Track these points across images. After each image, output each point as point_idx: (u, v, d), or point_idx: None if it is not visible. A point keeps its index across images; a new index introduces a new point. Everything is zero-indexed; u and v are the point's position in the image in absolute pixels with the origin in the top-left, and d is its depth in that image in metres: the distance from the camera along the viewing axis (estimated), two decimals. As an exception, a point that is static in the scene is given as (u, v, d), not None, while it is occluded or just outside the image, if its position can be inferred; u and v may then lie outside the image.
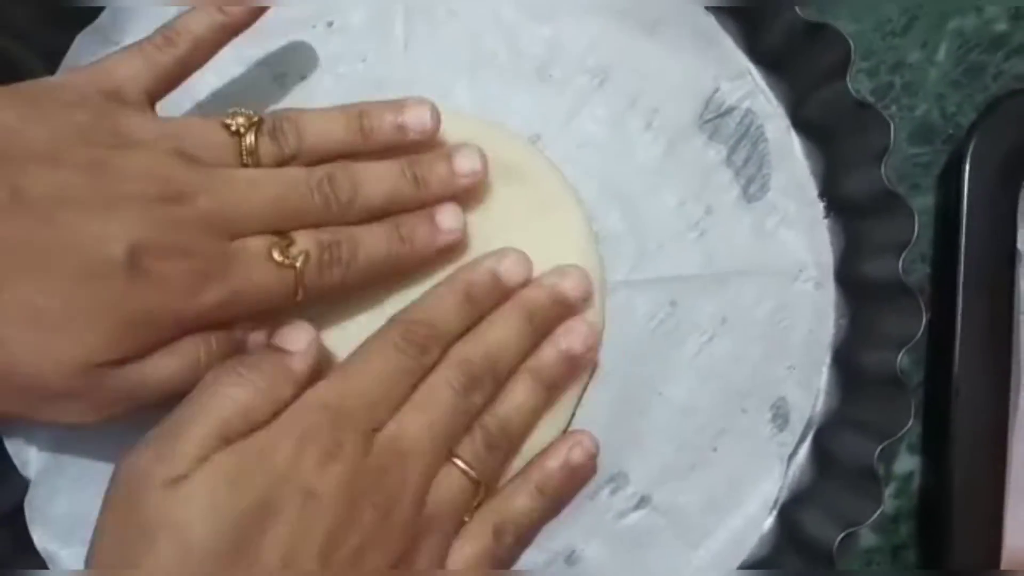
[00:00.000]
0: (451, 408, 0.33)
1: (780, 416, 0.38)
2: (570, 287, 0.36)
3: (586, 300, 0.36)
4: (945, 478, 0.37)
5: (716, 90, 0.39)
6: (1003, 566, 0.37)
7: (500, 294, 0.35)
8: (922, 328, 0.35)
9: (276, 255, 0.32)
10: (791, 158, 0.39)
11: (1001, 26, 0.40)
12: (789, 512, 0.38)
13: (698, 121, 0.39)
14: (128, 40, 0.37)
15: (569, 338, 0.36)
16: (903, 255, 0.35)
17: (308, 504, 0.29)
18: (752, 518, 0.38)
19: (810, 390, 0.38)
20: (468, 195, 0.36)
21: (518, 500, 0.35)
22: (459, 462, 0.33)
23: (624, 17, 0.39)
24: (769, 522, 0.38)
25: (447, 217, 0.35)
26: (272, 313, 0.33)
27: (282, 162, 0.33)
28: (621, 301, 0.38)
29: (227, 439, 0.29)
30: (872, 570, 0.40)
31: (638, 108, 0.39)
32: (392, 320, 0.34)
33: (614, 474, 0.38)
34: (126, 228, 0.29)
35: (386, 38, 0.39)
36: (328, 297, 0.34)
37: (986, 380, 0.37)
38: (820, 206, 0.39)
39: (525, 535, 0.36)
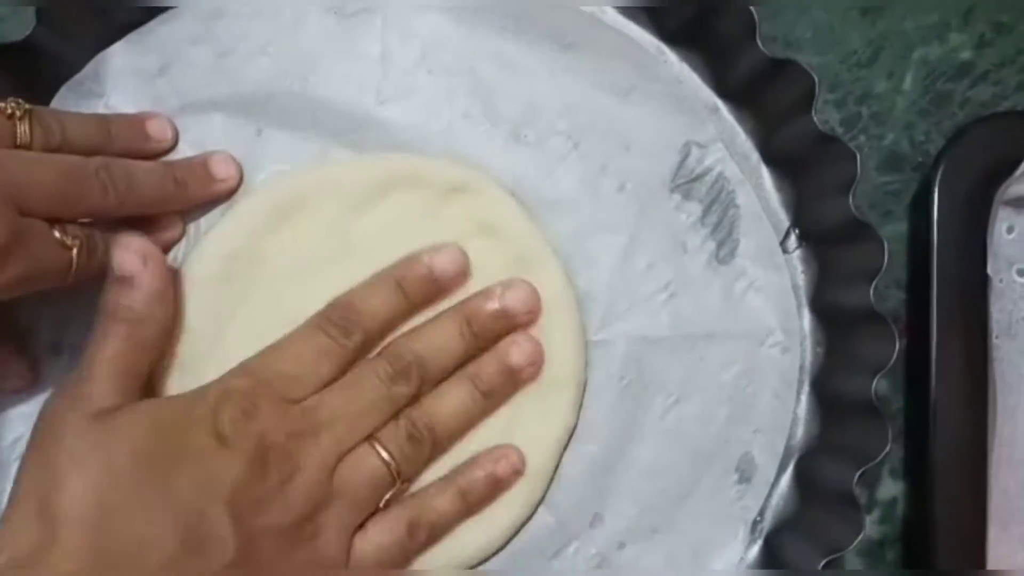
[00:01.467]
0: (373, 392, 0.34)
1: (744, 479, 0.39)
2: (513, 299, 0.36)
3: (531, 314, 0.37)
4: (927, 502, 0.37)
5: (688, 155, 0.39)
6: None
7: (432, 287, 0.36)
8: (895, 354, 0.35)
9: (58, 234, 0.33)
10: (761, 223, 0.39)
11: (966, 54, 0.41)
12: (772, 539, 0.38)
13: (670, 184, 0.39)
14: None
15: (512, 350, 0.36)
16: (874, 283, 0.36)
17: (221, 451, 0.32)
18: (722, 572, 0.38)
19: (775, 454, 0.39)
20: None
21: (438, 501, 0.36)
22: (377, 445, 0.34)
23: (599, 83, 0.39)
24: (753, 552, 0.38)
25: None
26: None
27: (50, 151, 0.34)
28: (589, 360, 0.38)
29: (135, 373, 0.33)
30: (873, 572, 0.40)
31: (610, 171, 0.39)
32: (326, 306, 0.35)
33: (578, 532, 0.38)
34: None
35: (362, 91, 0.39)
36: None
37: (963, 404, 0.37)
38: (787, 270, 0.39)
39: (437, 535, 0.36)
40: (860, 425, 0.36)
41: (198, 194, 0.38)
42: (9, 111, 0.34)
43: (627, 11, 0.40)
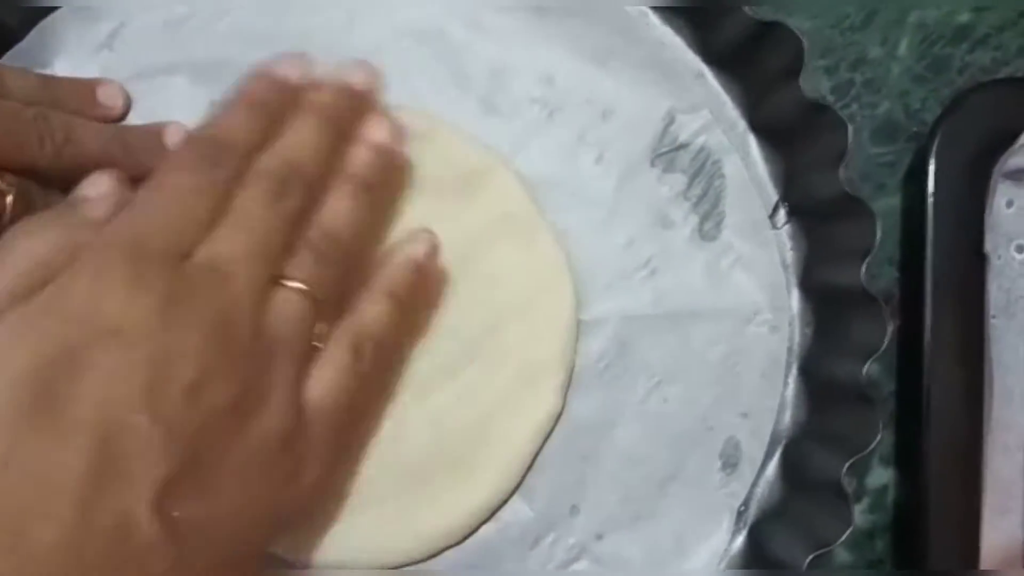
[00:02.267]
0: (263, 220, 0.30)
1: (730, 465, 0.37)
2: (356, 78, 0.34)
3: (374, 88, 0.34)
4: (919, 491, 0.36)
5: (671, 123, 0.38)
6: (982, 579, 0.36)
7: (285, 94, 0.33)
8: (887, 338, 0.34)
9: None
10: (748, 195, 0.38)
11: (964, 17, 0.39)
12: (758, 532, 0.37)
13: (651, 155, 0.38)
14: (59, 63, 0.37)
15: (372, 131, 0.34)
16: (866, 261, 0.34)
17: (115, 344, 0.26)
18: (700, 572, 0.37)
19: (762, 439, 0.37)
20: (430, 205, 0.36)
21: (368, 310, 0.33)
22: (289, 282, 0.30)
23: (576, 48, 0.38)
24: (731, 553, 0.37)
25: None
26: None
27: None
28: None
29: (18, 295, 0.27)
30: (870, 572, 0.39)
31: (588, 140, 0.37)
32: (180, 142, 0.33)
33: (557, 522, 0.37)
34: None
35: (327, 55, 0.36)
36: None
37: (957, 388, 0.36)
38: (775, 244, 0.38)
39: (385, 346, 0.33)
40: (850, 412, 0.35)
41: (147, 164, 0.34)
42: None
43: (607, -27, 0.38)
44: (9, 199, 0.32)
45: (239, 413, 0.28)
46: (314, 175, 0.32)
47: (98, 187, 0.31)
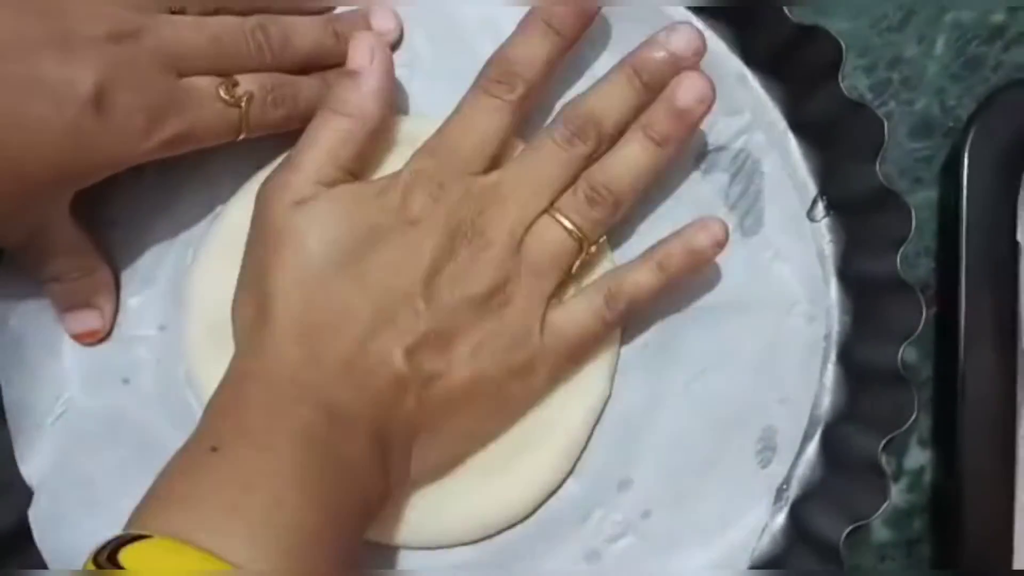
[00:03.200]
0: (552, 158, 0.35)
1: (770, 448, 0.39)
2: (678, 42, 0.36)
3: (697, 55, 0.36)
4: (954, 472, 0.37)
5: (713, 124, 0.39)
6: (1017, 561, 0.37)
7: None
8: (922, 322, 0.35)
9: (223, 93, 0.35)
10: (787, 192, 0.39)
11: (999, 17, 0.40)
12: (799, 508, 0.39)
13: (694, 156, 0.39)
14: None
15: (677, 91, 0.35)
16: (901, 250, 0.35)
17: (411, 232, 0.34)
18: (740, 548, 0.38)
19: (800, 423, 0.39)
20: None
21: (637, 273, 0.36)
22: (559, 216, 0.35)
23: (621, 53, 0.38)
24: (769, 532, 0.39)
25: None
26: None
27: (207, 15, 0.35)
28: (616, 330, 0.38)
29: (340, 166, 0.34)
30: (880, 567, 0.40)
31: None
32: (483, 68, 0.36)
33: (604, 499, 0.38)
34: (90, 68, 0.32)
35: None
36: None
37: (992, 373, 0.37)
38: (813, 242, 0.39)
39: (637, 306, 0.37)
40: (887, 393, 0.36)
41: None
42: None
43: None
44: (242, 108, 0.35)
45: (483, 308, 0.35)
46: (612, 128, 0.36)
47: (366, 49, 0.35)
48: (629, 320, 0.38)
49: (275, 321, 0.33)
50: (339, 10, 0.39)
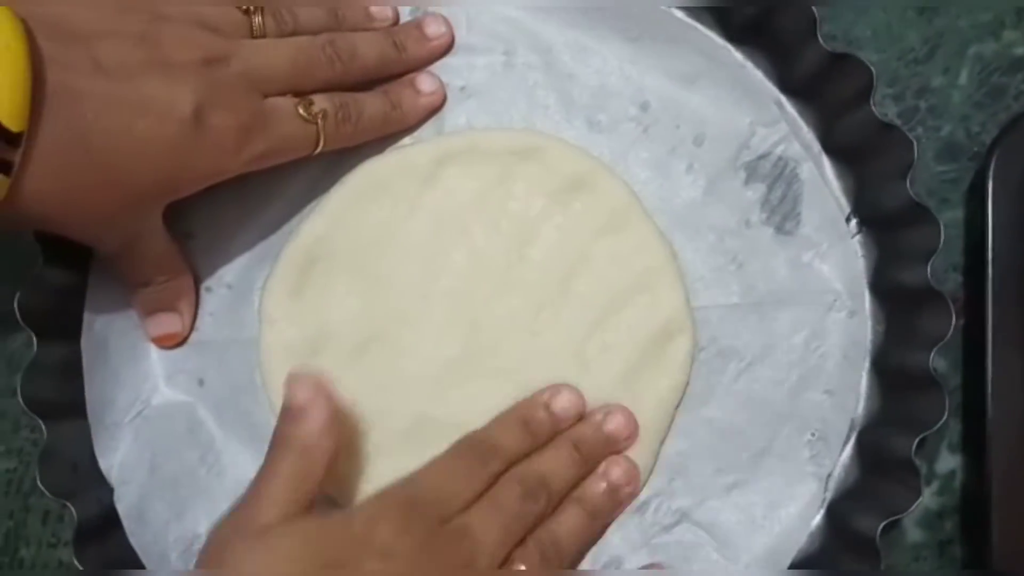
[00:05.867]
0: (513, 512, 0.36)
1: (818, 438, 0.40)
2: (614, 425, 0.40)
3: (629, 439, 0.40)
4: (983, 475, 0.39)
5: (752, 135, 0.41)
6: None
7: (552, 425, 0.39)
8: (952, 327, 0.37)
9: (302, 111, 0.38)
10: (824, 196, 0.41)
11: (1020, 50, 0.43)
12: (836, 509, 0.40)
13: (735, 164, 0.41)
14: None
15: (611, 472, 0.39)
16: (931, 261, 0.38)
17: (387, 560, 0.33)
18: (790, 534, 0.40)
19: (846, 413, 0.40)
20: (547, 204, 0.41)
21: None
22: (519, 565, 0.36)
23: (666, 71, 0.42)
24: (816, 520, 0.40)
25: (425, 82, 0.42)
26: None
27: (284, 36, 0.39)
28: None
29: (300, 503, 0.34)
30: (914, 567, 0.41)
31: (679, 152, 0.42)
32: (460, 439, 0.38)
33: (660, 489, 0.40)
34: (189, 89, 0.35)
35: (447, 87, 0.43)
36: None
37: (1019, 381, 0.39)
38: (851, 240, 0.41)
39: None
40: (919, 396, 0.38)
41: (416, 55, 0.42)
42: (244, 7, 0.38)
43: (691, 11, 0.42)
44: (319, 124, 0.38)
45: None
46: (558, 491, 0.38)
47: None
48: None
49: None
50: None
